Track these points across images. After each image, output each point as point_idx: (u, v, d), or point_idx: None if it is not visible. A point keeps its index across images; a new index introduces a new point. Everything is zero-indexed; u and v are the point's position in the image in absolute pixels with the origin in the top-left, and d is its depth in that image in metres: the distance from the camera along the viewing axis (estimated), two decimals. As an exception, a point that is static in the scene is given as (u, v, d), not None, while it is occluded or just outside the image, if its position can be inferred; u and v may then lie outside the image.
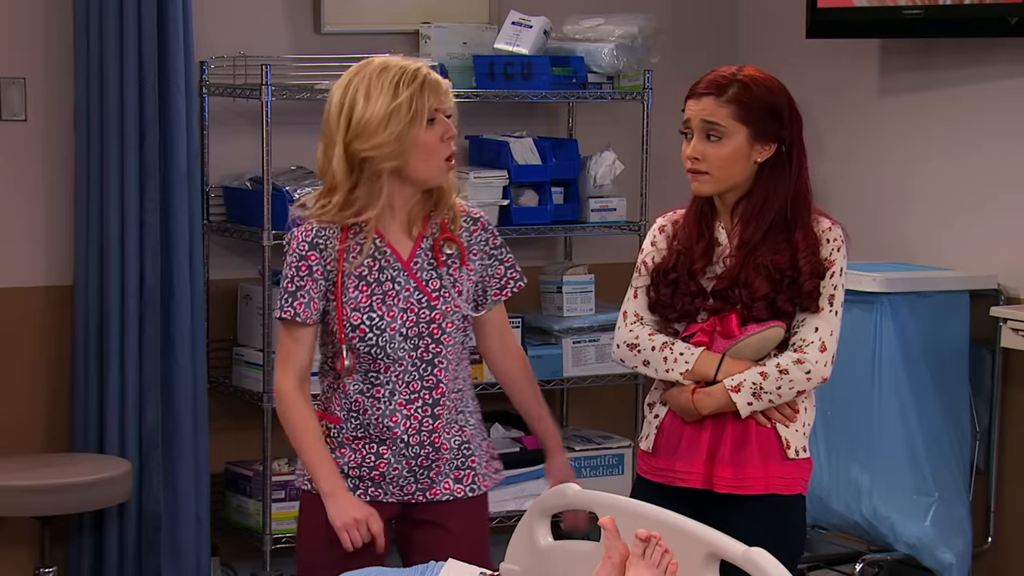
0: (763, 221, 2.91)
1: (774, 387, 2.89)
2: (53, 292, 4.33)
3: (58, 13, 4.26)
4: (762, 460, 2.91)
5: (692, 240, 2.94)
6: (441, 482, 2.98)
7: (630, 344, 2.95)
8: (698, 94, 2.92)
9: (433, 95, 2.91)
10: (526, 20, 4.58)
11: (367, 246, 2.89)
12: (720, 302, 2.92)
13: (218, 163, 4.46)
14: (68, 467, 4.12)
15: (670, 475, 2.96)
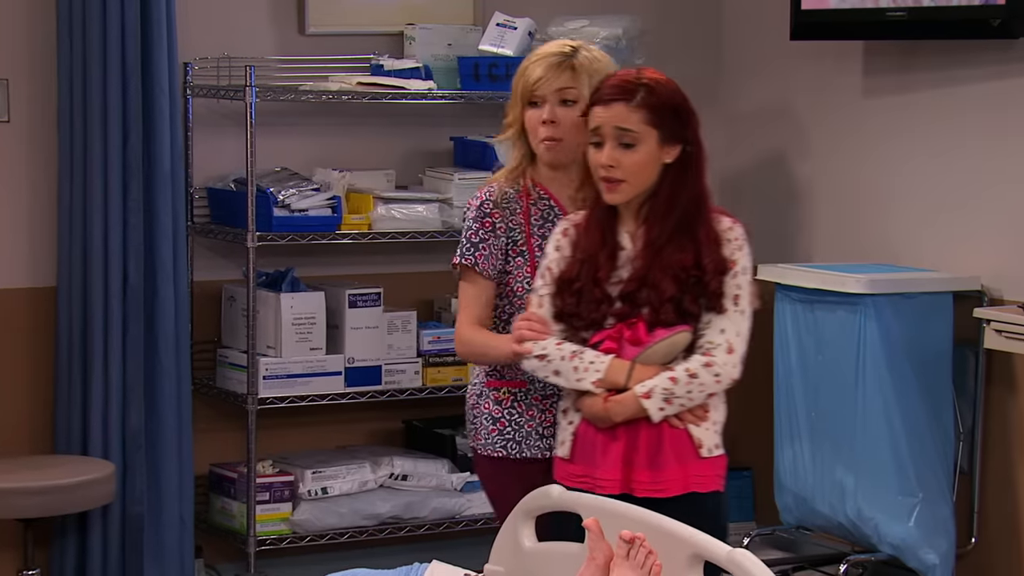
0: (669, 222, 2.91)
1: (684, 391, 2.90)
2: (36, 293, 4.32)
3: (42, 14, 4.24)
4: (678, 462, 2.93)
5: (595, 248, 2.94)
6: None
7: (539, 355, 2.94)
8: (605, 100, 2.92)
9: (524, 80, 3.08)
10: (511, 21, 4.58)
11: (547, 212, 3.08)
12: (628, 305, 2.92)
13: (202, 164, 4.46)
14: (51, 469, 4.11)
15: (589, 482, 2.95)
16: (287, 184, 4.37)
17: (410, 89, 4.40)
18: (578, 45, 3.11)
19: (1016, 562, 4.32)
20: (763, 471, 4.83)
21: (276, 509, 4.38)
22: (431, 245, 4.55)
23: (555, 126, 3.04)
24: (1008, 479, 4.34)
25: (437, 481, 4.52)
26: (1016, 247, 4.29)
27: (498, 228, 3.09)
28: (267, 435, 4.46)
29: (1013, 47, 4.23)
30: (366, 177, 4.52)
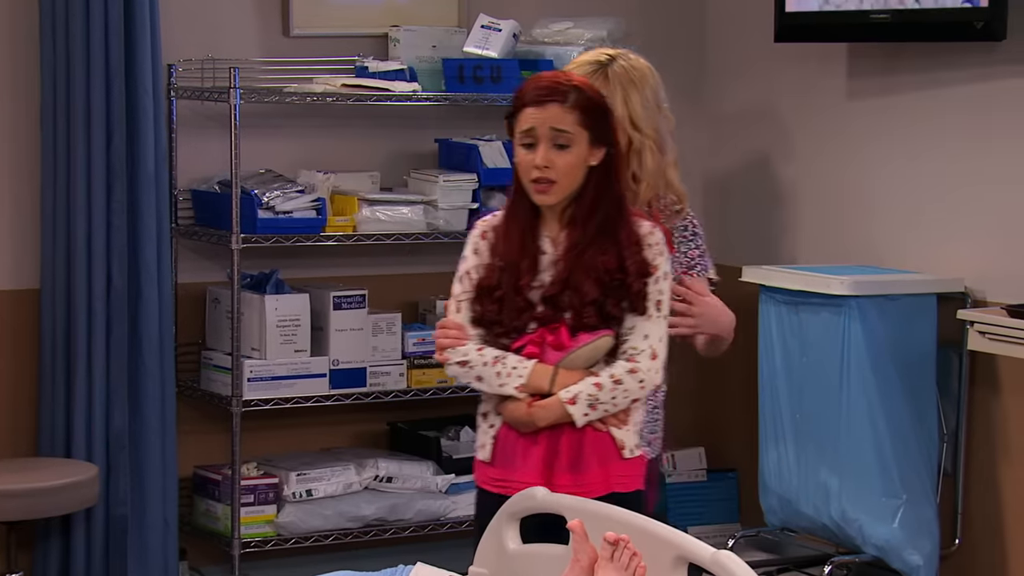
0: (591, 224, 2.90)
1: (609, 397, 2.90)
2: (19, 295, 4.31)
3: (24, 15, 4.23)
4: (600, 464, 2.92)
5: (516, 254, 2.90)
6: None
7: (460, 362, 2.90)
8: (541, 101, 2.87)
9: None
10: (495, 23, 4.59)
11: None
12: (550, 308, 2.89)
13: (186, 166, 4.45)
14: (34, 471, 4.10)
15: (507, 485, 2.93)
16: (271, 186, 4.37)
17: (395, 91, 4.40)
18: (616, 54, 3.08)
19: (999, 563, 4.34)
20: (748, 473, 4.84)
21: (261, 511, 4.38)
22: (416, 247, 4.55)
23: None
24: (992, 480, 4.35)
25: (422, 483, 4.52)
26: (1000, 249, 4.31)
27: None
28: (251, 437, 4.45)
29: (996, 49, 4.24)
30: (351, 179, 4.52)
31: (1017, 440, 4.29)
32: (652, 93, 3.06)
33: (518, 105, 2.90)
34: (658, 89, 3.08)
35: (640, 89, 3.04)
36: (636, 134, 3.04)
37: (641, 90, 3.04)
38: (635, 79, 3.04)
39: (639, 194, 3.05)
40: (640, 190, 3.06)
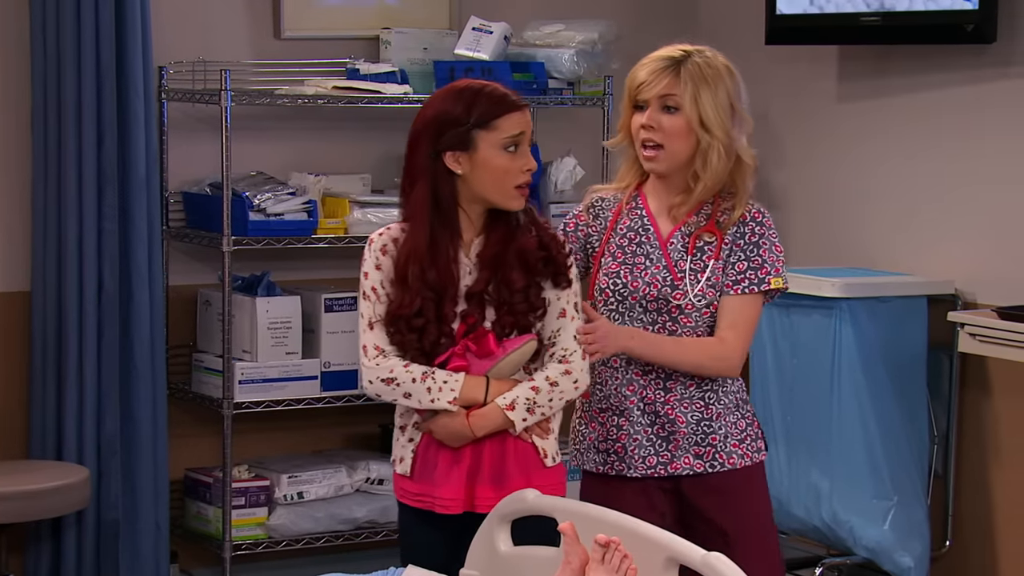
0: (509, 222, 2.90)
1: (546, 400, 2.91)
2: (10, 298, 4.30)
3: (15, 17, 4.23)
4: (523, 474, 2.93)
5: (443, 283, 2.86)
6: (681, 456, 2.99)
7: (385, 379, 2.88)
8: (521, 107, 2.90)
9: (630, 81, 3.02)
10: (487, 26, 4.59)
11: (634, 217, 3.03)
12: (475, 306, 2.88)
13: (177, 168, 4.45)
14: (25, 474, 4.09)
15: (428, 501, 2.93)
16: (263, 188, 4.36)
17: (386, 93, 4.40)
18: (693, 51, 3.00)
19: (990, 565, 4.34)
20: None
21: (252, 514, 4.37)
22: (407, 249, 4.54)
23: (654, 131, 2.97)
24: (982, 482, 4.36)
25: (413, 485, 4.52)
26: (990, 251, 4.32)
27: (579, 231, 3.08)
28: (243, 440, 4.45)
29: (986, 52, 4.25)
30: (342, 181, 4.52)
31: (1008, 442, 4.30)
32: (726, 94, 2.97)
33: (496, 112, 2.87)
34: (735, 90, 2.99)
35: (713, 88, 2.95)
36: (704, 134, 2.96)
37: (714, 90, 2.95)
38: (708, 77, 2.96)
39: (694, 193, 2.98)
40: (697, 190, 2.99)
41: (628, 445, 3.03)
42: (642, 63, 3.01)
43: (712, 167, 2.96)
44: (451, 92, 2.93)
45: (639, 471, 3.02)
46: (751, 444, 3.05)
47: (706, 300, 2.98)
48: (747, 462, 3.03)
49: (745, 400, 3.08)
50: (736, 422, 3.03)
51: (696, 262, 2.99)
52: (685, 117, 2.94)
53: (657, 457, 3.02)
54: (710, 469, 3.01)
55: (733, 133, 2.97)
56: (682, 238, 3.01)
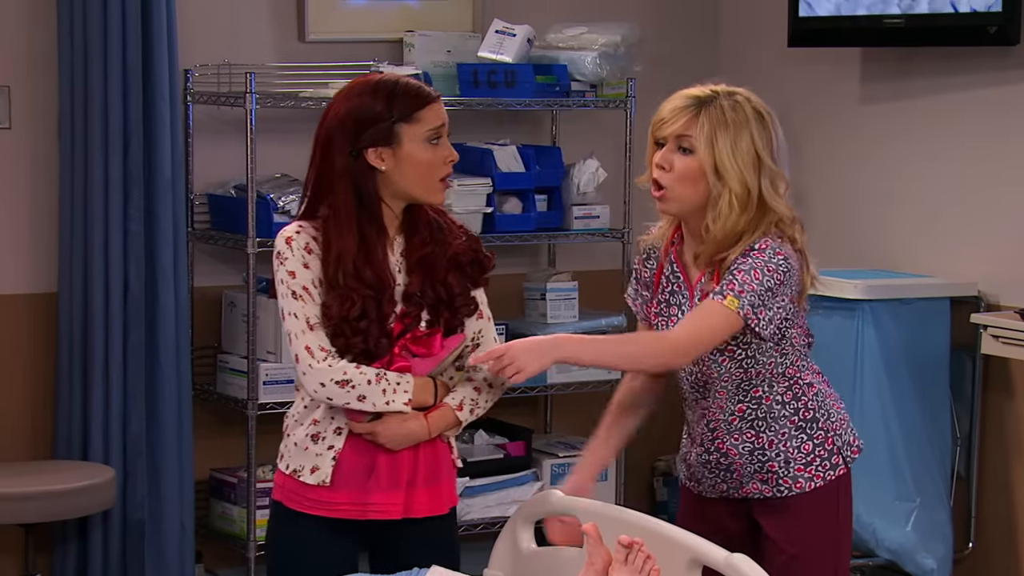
0: (430, 222, 2.89)
1: (484, 401, 2.91)
2: (37, 299, 4.33)
3: (43, 21, 4.26)
4: (447, 476, 2.94)
5: (382, 282, 2.82)
6: (748, 483, 2.94)
7: (340, 382, 2.80)
8: (438, 98, 2.86)
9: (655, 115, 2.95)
10: (510, 29, 4.60)
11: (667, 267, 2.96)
12: (411, 307, 2.85)
13: (202, 171, 4.47)
14: (52, 474, 4.12)
15: (356, 509, 2.87)
16: (287, 190, 4.39)
17: (409, 96, 4.41)
18: (723, 92, 2.84)
19: (1013, 566, 4.34)
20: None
21: (276, 514, 4.39)
22: (430, 251, 4.56)
23: (663, 172, 2.83)
24: (1005, 484, 4.36)
25: (436, 486, 4.53)
26: (1013, 253, 4.31)
27: (643, 275, 3.01)
28: (267, 440, 4.46)
29: (1010, 54, 4.25)
30: (366, 183, 4.54)
31: (1031, 444, 4.31)
32: (750, 141, 2.79)
33: (417, 104, 2.81)
34: (763, 139, 2.80)
35: (734, 135, 2.78)
36: (716, 181, 2.78)
37: (735, 136, 2.78)
38: (730, 122, 2.79)
39: (706, 242, 2.83)
40: (707, 239, 2.82)
41: (697, 472, 2.99)
42: (669, 99, 2.88)
43: (723, 217, 2.78)
44: (364, 88, 2.85)
45: (714, 494, 2.97)
46: (822, 464, 2.92)
47: (724, 347, 2.85)
48: (817, 483, 2.91)
49: (812, 420, 2.93)
50: (800, 446, 2.91)
51: None
52: (698, 160, 2.79)
53: (727, 484, 2.96)
54: (778, 494, 2.92)
55: (753, 183, 2.78)
56: (701, 291, 2.89)
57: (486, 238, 4.54)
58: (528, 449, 4.69)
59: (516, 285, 4.83)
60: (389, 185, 2.83)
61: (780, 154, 2.84)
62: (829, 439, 2.94)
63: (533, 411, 5.01)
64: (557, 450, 4.73)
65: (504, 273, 4.88)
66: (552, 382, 4.67)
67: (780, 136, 2.85)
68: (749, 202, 2.79)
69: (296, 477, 2.89)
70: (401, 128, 2.81)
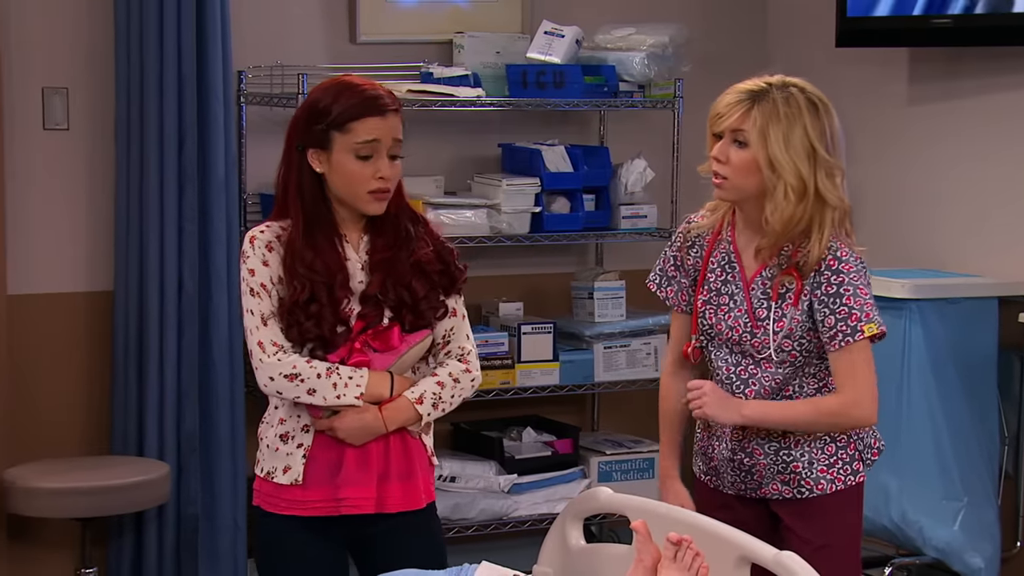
0: (401, 224, 2.90)
1: (449, 396, 2.92)
2: (94, 298, 4.39)
3: (100, 25, 4.32)
4: (421, 472, 2.94)
5: (327, 266, 2.83)
6: (768, 484, 2.98)
7: (289, 375, 2.82)
8: (382, 111, 2.84)
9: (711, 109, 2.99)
10: (558, 30, 4.63)
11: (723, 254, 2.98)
12: (371, 308, 2.86)
13: (255, 171, 4.51)
14: (108, 470, 4.17)
15: (329, 505, 2.88)
16: (338, 190, 4.42)
17: (459, 96, 4.43)
18: (777, 84, 2.89)
19: (1061, 566, 4.33)
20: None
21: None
22: (479, 250, 4.59)
23: (721, 164, 2.89)
24: (1053, 484, 4.35)
25: (485, 483, 4.56)
26: (1062, 253, 4.31)
27: (686, 263, 3.04)
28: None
29: (1059, 54, 4.24)
30: (416, 183, 4.56)
31: (1079, 443, 4.29)
32: (803, 133, 2.84)
33: (351, 115, 2.81)
34: (817, 129, 2.85)
35: (787, 128, 2.83)
36: (771, 174, 2.84)
37: (788, 129, 2.83)
38: (783, 115, 2.84)
39: (765, 242, 2.88)
40: (767, 230, 2.87)
41: (720, 467, 3.03)
42: (725, 92, 2.93)
43: (779, 208, 2.84)
44: (327, 87, 2.89)
45: (731, 490, 3.03)
46: (844, 467, 2.97)
47: (784, 351, 2.91)
48: (838, 486, 2.96)
49: None
50: (824, 447, 2.95)
51: (777, 309, 2.91)
52: (752, 153, 2.84)
53: (745, 484, 3.01)
54: (799, 495, 2.96)
55: (808, 175, 2.83)
56: (763, 283, 2.93)
57: (534, 237, 4.57)
58: (575, 446, 4.72)
59: (564, 284, 4.86)
60: (330, 187, 2.87)
61: (835, 144, 2.89)
62: (852, 444, 2.99)
63: (580, 409, 5.04)
64: (604, 447, 4.76)
65: (552, 272, 4.92)
66: (599, 380, 4.70)
67: (835, 125, 2.90)
68: (806, 193, 2.84)
69: (270, 479, 2.92)
70: (334, 135, 2.84)
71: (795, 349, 2.90)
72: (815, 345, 2.91)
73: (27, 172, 4.31)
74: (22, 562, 4.32)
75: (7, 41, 4.24)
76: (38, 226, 4.33)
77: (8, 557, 4.26)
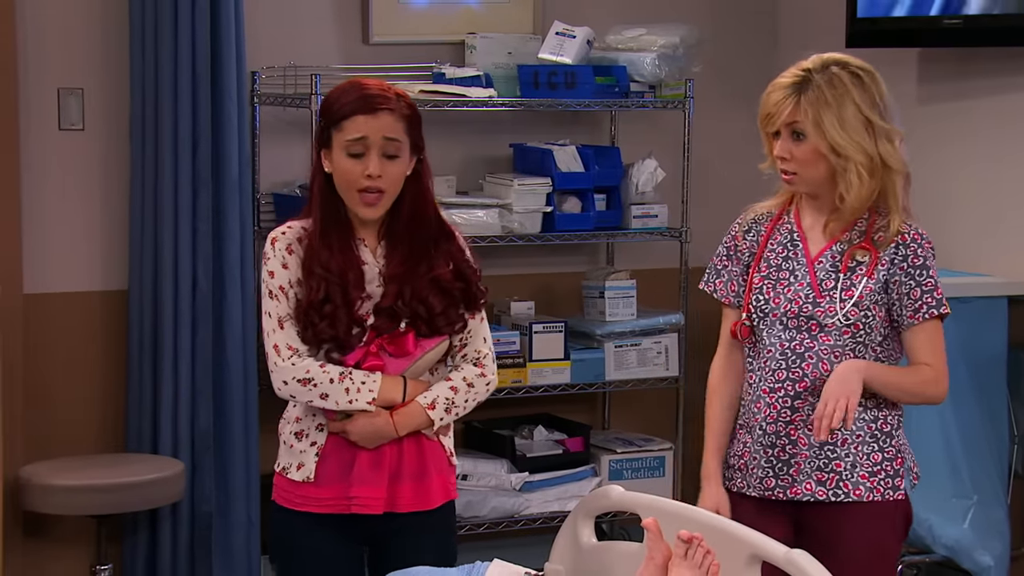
0: (419, 236, 2.88)
1: (463, 400, 2.92)
2: (108, 296, 4.42)
3: (115, 26, 4.35)
4: (437, 473, 2.94)
5: (341, 267, 2.84)
6: (803, 481, 2.91)
7: (302, 380, 2.84)
8: (372, 110, 2.83)
9: (762, 108, 2.99)
10: (570, 30, 4.64)
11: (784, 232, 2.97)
12: (385, 320, 2.86)
13: (268, 171, 4.54)
14: (123, 467, 4.20)
15: (341, 503, 2.90)
16: (351, 190, 4.44)
17: (471, 97, 4.45)
18: (817, 67, 2.88)
19: (1070, 564, 4.34)
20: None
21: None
22: (491, 250, 4.61)
23: (787, 161, 2.90)
24: (1062, 482, 4.36)
25: (496, 481, 4.58)
26: (1071, 252, 4.31)
27: (740, 250, 3.03)
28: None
29: (1069, 54, 4.25)
30: (428, 183, 4.59)
31: (1088, 443, 4.30)
32: (855, 109, 2.85)
33: (344, 113, 2.83)
34: (867, 101, 2.87)
35: (837, 109, 2.84)
36: (837, 159, 2.86)
37: (839, 109, 2.84)
38: (830, 99, 2.85)
39: (843, 212, 2.90)
40: (844, 209, 2.89)
41: (750, 463, 2.97)
42: (768, 90, 2.93)
43: (854, 188, 2.86)
44: (340, 85, 2.92)
45: (756, 491, 2.95)
46: (886, 480, 2.91)
47: (850, 320, 2.89)
48: (876, 497, 2.89)
49: (889, 434, 2.94)
50: (870, 454, 2.91)
51: (846, 280, 2.90)
52: (812, 144, 2.85)
53: (776, 480, 2.93)
54: (833, 498, 2.89)
55: (871, 148, 2.86)
56: (832, 257, 2.92)
57: (545, 237, 4.59)
58: (587, 445, 4.73)
59: (575, 283, 4.88)
60: (336, 187, 2.89)
61: (888, 109, 2.92)
62: (899, 459, 2.95)
63: (591, 407, 5.05)
64: (615, 446, 4.78)
65: (563, 271, 4.93)
66: (610, 379, 4.71)
67: (884, 91, 2.93)
68: (874, 167, 2.88)
69: (285, 475, 2.95)
70: (333, 133, 2.87)
71: (860, 320, 2.88)
72: (879, 321, 2.90)
73: (43, 172, 4.34)
74: (38, 559, 4.35)
75: (23, 42, 4.27)
76: (54, 226, 4.36)
77: (24, 554, 4.29)
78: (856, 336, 2.91)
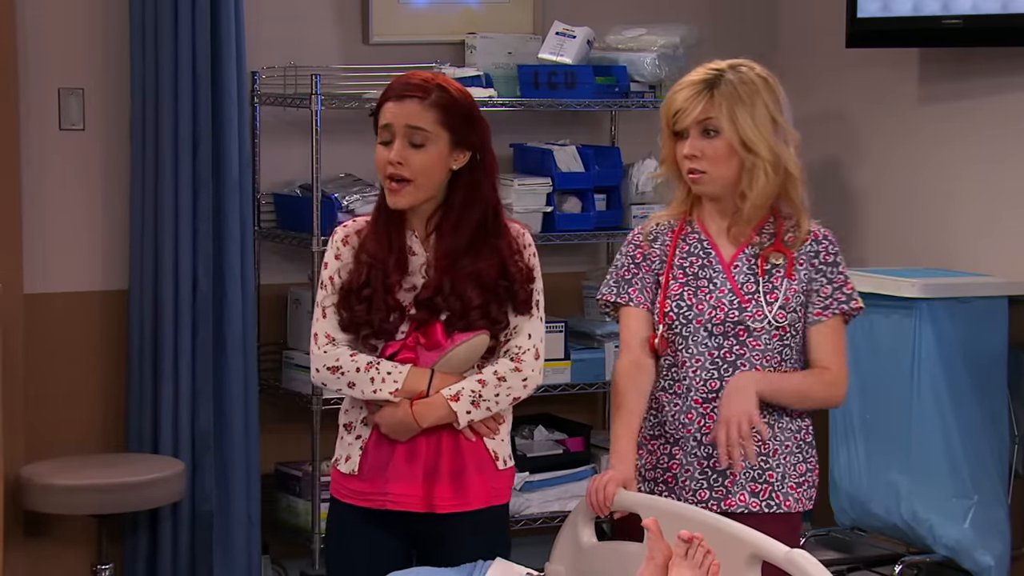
0: (465, 230, 2.85)
1: (492, 395, 2.86)
2: (109, 297, 4.42)
3: (115, 26, 4.35)
4: (478, 473, 2.90)
5: (384, 252, 2.84)
6: (737, 493, 2.90)
7: (331, 367, 2.84)
8: (399, 96, 2.83)
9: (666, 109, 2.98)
10: (570, 30, 4.64)
11: (693, 242, 2.96)
12: (425, 312, 2.85)
13: (269, 171, 4.54)
14: (124, 467, 4.20)
15: (380, 499, 2.89)
16: (351, 190, 4.45)
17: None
18: (725, 67, 2.90)
19: (1070, 564, 4.34)
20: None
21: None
22: (491, 250, 4.61)
23: (697, 160, 2.88)
24: (1062, 482, 4.36)
25: (497, 481, 4.58)
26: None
27: (650, 258, 2.98)
28: (331, 435, 4.49)
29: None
30: (428, 183, 4.59)
31: (1088, 442, 4.30)
32: (764, 109, 2.87)
33: (381, 100, 2.86)
34: (774, 103, 2.89)
35: (750, 106, 2.86)
36: (748, 155, 2.87)
37: (751, 107, 2.86)
38: (743, 96, 2.87)
39: (743, 212, 2.90)
40: (744, 208, 2.90)
41: (679, 476, 2.93)
42: (675, 89, 2.92)
43: (759, 185, 2.87)
44: None
45: (689, 504, 2.91)
46: (808, 491, 2.94)
47: (779, 323, 2.89)
48: (799, 508, 2.92)
49: (810, 444, 2.96)
50: (796, 465, 2.92)
51: (767, 283, 2.90)
52: (726, 140, 2.85)
53: (711, 491, 2.91)
54: (766, 509, 2.90)
55: (778, 148, 2.88)
56: (747, 260, 2.92)
57: (545, 236, 4.59)
58: (587, 444, 4.74)
59: (575, 283, 4.88)
60: None
61: (787, 112, 2.94)
62: (816, 471, 2.97)
63: (591, 407, 5.06)
64: (616, 446, 4.77)
65: (563, 271, 4.93)
66: (610, 379, 4.70)
67: (783, 94, 2.94)
68: (779, 165, 2.89)
69: (337, 467, 2.96)
70: (375, 122, 2.90)
71: (788, 323, 2.89)
72: (804, 323, 2.92)
73: (43, 172, 4.34)
74: (39, 558, 4.35)
75: (23, 42, 4.27)
76: (54, 226, 4.36)
77: (25, 553, 4.29)
78: (784, 339, 2.91)
